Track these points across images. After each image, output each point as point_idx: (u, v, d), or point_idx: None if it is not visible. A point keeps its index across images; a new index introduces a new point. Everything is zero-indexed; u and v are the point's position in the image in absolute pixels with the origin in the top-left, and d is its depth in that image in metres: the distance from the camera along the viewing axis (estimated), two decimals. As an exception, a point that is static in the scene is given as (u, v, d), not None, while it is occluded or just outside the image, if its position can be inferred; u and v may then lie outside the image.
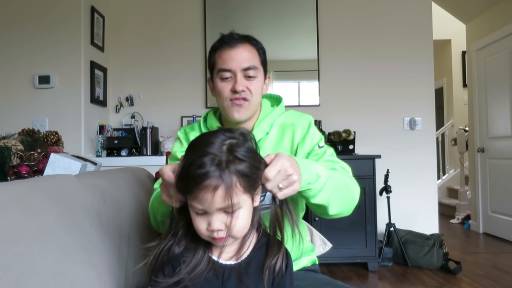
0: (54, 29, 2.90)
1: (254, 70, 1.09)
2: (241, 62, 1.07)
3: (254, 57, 1.10)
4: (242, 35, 1.13)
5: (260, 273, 0.79)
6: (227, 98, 1.09)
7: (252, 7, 3.48)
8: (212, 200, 0.71)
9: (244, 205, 0.75)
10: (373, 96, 3.47)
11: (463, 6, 4.31)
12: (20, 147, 1.39)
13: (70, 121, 2.86)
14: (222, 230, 0.74)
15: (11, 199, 0.76)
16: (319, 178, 0.89)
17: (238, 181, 0.73)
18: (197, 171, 0.71)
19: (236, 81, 1.07)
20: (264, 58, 1.15)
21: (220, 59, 1.10)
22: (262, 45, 1.16)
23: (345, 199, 0.99)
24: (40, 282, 0.72)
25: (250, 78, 1.09)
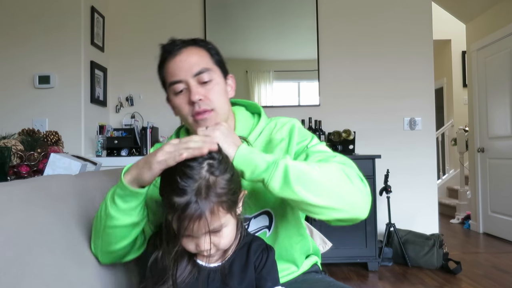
0: (54, 29, 2.90)
1: (207, 73, 0.95)
2: (189, 68, 0.94)
3: (204, 59, 0.96)
4: (185, 39, 1.00)
5: (243, 271, 0.80)
6: (188, 115, 0.96)
7: (252, 7, 3.48)
8: (197, 227, 0.71)
9: (228, 223, 0.76)
10: (373, 96, 3.47)
11: (463, 6, 4.31)
12: (20, 147, 1.39)
13: (70, 121, 2.86)
14: (209, 249, 0.75)
15: (11, 199, 0.76)
16: (274, 164, 0.79)
17: (221, 205, 0.73)
18: (179, 200, 0.71)
19: (190, 90, 0.93)
20: (219, 57, 1.01)
21: (167, 73, 0.97)
22: (213, 44, 1.02)
23: (335, 186, 0.82)
24: (40, 282, 0.72)
25: (205, 83, 0.94)
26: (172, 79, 0.96)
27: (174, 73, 0.95)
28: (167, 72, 0.98)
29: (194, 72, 0.94)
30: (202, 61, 0.96)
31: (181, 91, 0.96)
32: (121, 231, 0.83)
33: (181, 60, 0.95)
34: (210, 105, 0.94)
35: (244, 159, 0.81)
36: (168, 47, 0.99)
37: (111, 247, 0.86)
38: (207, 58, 0.98)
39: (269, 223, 0.99)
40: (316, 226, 1.45)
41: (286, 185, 0.79)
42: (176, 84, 0.95)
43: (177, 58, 0.96)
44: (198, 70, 0.94)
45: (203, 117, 0.94)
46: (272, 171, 0.79)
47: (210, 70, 0.96)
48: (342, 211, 0.83)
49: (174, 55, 0.96)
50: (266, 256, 0.82)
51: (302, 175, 0.80)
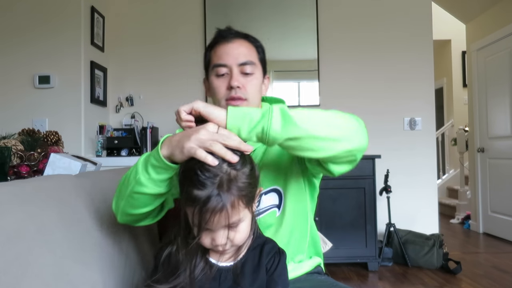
0: (54, 29, 2.90)
1: (251, 66, 1.02)
2: (237, 57, 1.01)
3: (251, 53, 1.04)
4: (240, 32, 1.07)
5: (255, 272, 0.80)
6: (222, 98, 1.01)
7: (252, 7, 3.48)
8: (217, 220, 0.72)
9: (245, 218, 0.77)
10: (373, 96, 3.47)
11: (463, 6, 4.32)
12: (20, 147, 1.39)
13: (70, 121, 2.86)
14: (225, 243, 0.76)
15: (11, 199, 0.76)
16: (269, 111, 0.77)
17: (241, 199, 0.74)
18: (200, 193, 0.71)
19: (231, 76, 1.00)
20: (263, 56, 1.09)
21: (215, 55, 1.03)
22: (261, 43, 1.10)
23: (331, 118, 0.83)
24: (40, 282, 0.72)
25: (247, 75, 1.01)
26: (218, 61, 1.02)
27: (221, 57, 1.02)
28: (215, 55, 1.04)
29: (240, 61, 1.01)
30: (249, 54, 1.03)
31: (222, 74, 1.02)
32: (147, 198, 0.84)
33: (232, 48, 1.02)
34: (246, 94, 1.01)
35: (238, 115, 0.78)
36: (223, 32, 1.05)
37: (132, 211, 0.87)
38: (254, 53, 1.05)
39: (278, 201, 1.02)
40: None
41: (287, 122, 0.77)
42: (220, 67, 1.01)
43: (229, 45, 1.02)
44: (244, 61, 1.01)
45: (236, 104, 0.99)
46: (269, 115, 0.77)
47: (254, 64, 1.03)
48: (345, 141, 0.82)
49: (227, 41, 1.03)
50: (278, 260, 0.82)
51: (300, 112, 0.80)
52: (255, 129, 0.77)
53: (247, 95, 1.00)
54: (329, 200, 2.91)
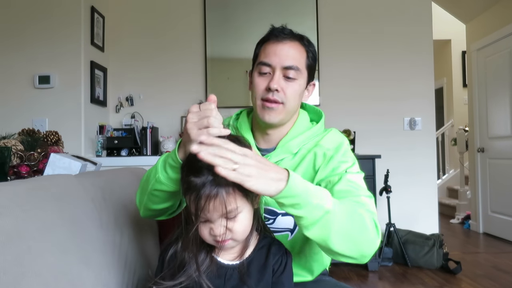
0: (54, 29, 2.89)
1: (295, 72, 0.98)
2: (284, 59, 0.97)
3: (300, 58, 1.00)
4: (295, 32, 1.03)
5: (261, 272, 0.80)
6: (259, 97, 0.99)
7: (252, 7, 3.48)
8: (212, 207, 0.73)
9: (243, 209, 0.77)
10: (373, 96, 3.47)
11: (463, 6, 4.31)
12: (20, 147, 1.39)
13: (70, 121, 2.86)
14: (224, 235, 0.76)
15: (11, 199, 0.76)
16: (318, 208, 0.76)
17: (236, 187, 0.74)
18: (196, 179, 0.73)
19: (273, 78, 0.97)
20: (313, 62, 1.04)
21: (263, 52, 1.01)
22: (315, 48, 1.05)
23: (355, 239, 0.82)
24: (40, 282, 0.72)
25: (289, 79, 0.98)
26: (264, 59, 0.99)
27: (268, 55, 0.99)
28: (264, 52, 1.01)
29: (285, 64, 0.98)
30: (297, 59, 0.99)
31: (265, 73, 0.99)
32: (165, 195, 0.90)
33: (281, 48, 0.99)
34: (283, 99, 0.98)
35: (295, 194, 0.75)
36: (277, 31, 1.02)
37: (153, 206, 0.94)
38: (303, 58, 1.01)
39: (293, 226, 1.00)
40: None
41: (321, 234, 0.78)
42: (264, 65, 0.99)
43: (279, 45, 0.99)
44: (289, 65, 0.98)
45: (271, 106, 0.98)
46: (316, 218, 0.77)
47: (299, 70, 0.99)
48: (352, 259, 0.84)
49: (278, 41, 1.00)
50: (285, 261, 0.83)
51: (336, 224, 0.79)
52: (298, 210, 0.76)
53: (285, 99, 0.98)
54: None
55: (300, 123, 1.06)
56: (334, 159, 0.97)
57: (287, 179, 0.74)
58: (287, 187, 0.73)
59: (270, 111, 0.98)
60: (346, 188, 0.91)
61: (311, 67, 1.04)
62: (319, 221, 0.76)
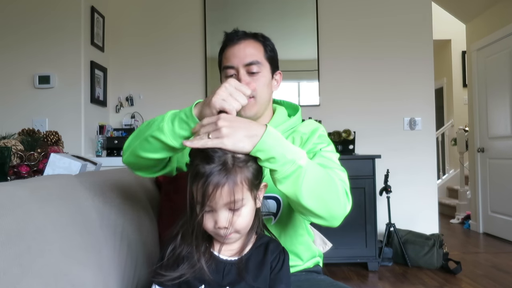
0: (54, 29, 2.90)
1: (257, 66, 1.06)
2: (243, 58, 1.06)
3: (257, 53, 1.08)
4: (248, 32, 1.11)
5: (259, 269, 0.82)
6: None
7: (252, 7, 3.48)
8: (219, 195, 0.75)
9: (247, 203, 0.79)
10: (373, 96, 3.47)
11: (463, 6, 4.31)
12: (20, 147, 1.39)
13: (70, 121, 2.86)
14: (227, 227, 0.77)
15: (11, 199, 0.76)
16: (291, 163, 0.80)
17: (243, 180, 0.77)
18: (205, 167, 0.75)
19: (238, 77, 1.05)
20: (272, 54, 1.12)
21: (224, 58, 1.10)
22: (271, 41, 1.14)
23: (324, 197, 0.86)
24: (40, 282, 0.72)
25: (253, 74, 1.06)
26: (226, 63, 1.08)
27: (229, 59, 1.08)
28: (224, 57, 1.10)
29: (245, 62, 1.06)
30: (255, 54, 1.07)
31: (231, 75, 1.07)
32: (159, 146, 0.89)
33: (238, 49, 1.07)
34: (253, 93, 1.04)
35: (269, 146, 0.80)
36: (230, 35, 1.10)
37: (141, 153, 0.92)
38: (261, 52, 1.09)
39: (276, 210, 1.04)
40: (316, 226, 1.45)
41: (295, 186, 0.82)
42: (228, 69, 1.07)
43: (235, 47, 1.07)
44: (250, 61, 1.06)
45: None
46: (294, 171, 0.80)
47: (260, 63, 1.07)
48: (321, 219, 0.88)
49: (233, 43, 1.08)
50: (283, 259, 0.84)
51: (310, 179, 0.83)
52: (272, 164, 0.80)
53: (254, 93, 1.04)
54: (329, 200, 2.91)
55: (278, 116, 1.13)
56: (310, 141, 1.03)
57: (262, 135, 0.78)
58: (260, 141, 0.77)
59: (244, 106, 1.00)
60: (320, 162, 0.95)
61: (272, 59, 1.12)
62: (291, 175, 0.80)
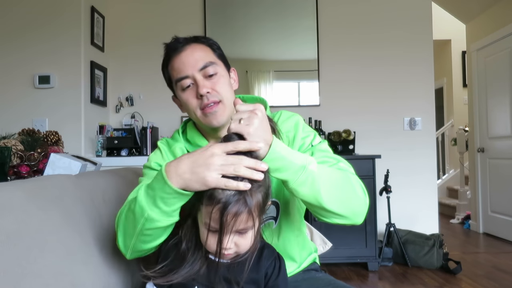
0: (54, 29, 2.89)
1: (212, 67, 0.97)
2: (195, 63, 0.96)
3: (207, 54, 0.99)
4: (188, 37, 1.03)
5: (253, 272, 0.81)
6: (196, 108, 0.97)
7: (252, 7, 3.48)
8: (232, 224, 0.73)
9: (256, 226, 0.78)
10: (373, 96, 3.47)
11: (463, 6, 4.31)
12: (20, 147, 1.39)
13: (70, 121, 2.86)
14: (231, 248, 0.76)
15: (11, 199, 0.76)
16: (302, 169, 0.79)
17: (257, 207, 0.75)
18: (222, 194, 0.72)
19: (197, 84, 0.96)
20: (221, 52, 1.05)
21: (173, 70, 1.00)
22: (214, 40, 1.05)
23: (344, 197, 0.86)
24: (40, 282, 0.72)
25: (211, 77, 0.97)
26: (179, 75, 0.98)
27: (180, 69, 0.98)
28: (173, 69, 1.00)
29: (199, 66, 0.97)
30: (206, 56, 0.99)
31: (188, 86, 0.98)
32: (160, 231, 0.81)
33: (186, 56, 0.98)
34: (218, 96, 0.97)
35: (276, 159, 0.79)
36: (172, 45, 1.01)
37: (145, 246, 0.84)
38: (210, 53, 1.01)
39: (276, 214, 1.02)
40: (316, 226, 1.45)
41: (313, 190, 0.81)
42: (183, 79, 0.98)
43: (182, 54, 0.98)
44: (204, 64, 0.97)
45: (212, 110, 0.96)
46: (302, 175, 0.80)
47: (215, 63, 0.99)
48: (345, 218, 0.87)
49: (179, 52, 0.99)
50: (279, 265, 0.84)
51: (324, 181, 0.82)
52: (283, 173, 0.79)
53: (220, 96, 0.97)
54: (329, 200, 2.91)
55: None
56: (297, 137, 0.99)
57: (270, 145, 0.77)
58: (270, 151, 0.77)
59: (214, 114, 0.96)
60: (322, 160, 0.92)
61: (222, 56, 1.04)
62: (306, 181, 0.79)
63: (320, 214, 0.87)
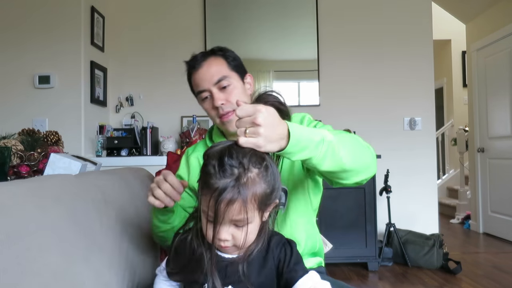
0: (54, 29, 2.89)
1: (226, 80, 1.11)
2: (210, 79, 1.11)
3: (221, 67, 1.12)
4: (205, 51, 1.16)
5: (262, 265, 0.81)
6: (215, 117, 1.13)
7: (252, 7, 3.48)
8: (225, 212, 0.72)
9: (253, 220, 0.76)
10: (373, 96, 3.47)
11: (463, 6, 4.31)
12: (20, 147, 1.39)
13: (70, 121, 2.86)
14: (228, 240, 0.76)
15: (11, 199, 0.76)
16: (321, 143, 0.81)
17: (254, 198, 0.74)
18: (217, 181, 0.72)
19: (213, 97, 1.11)
20: (236, 62, 1.16)
21: (194, 84, 1.15)
22: (232, 51, 1.18)
23: (360, 154, 0.92)
24: (40, 282, 0.72)
25: (225, 88, 1.11)
26: (198, 89, 1.14)
27: (198, 84, 1.13)
28: (194, 84, 1.16)
29: (214, 81, 1.11)
30: (220, 70, 1.12)
31: (206, 97, 1.13)
32: (167, 233, 1.05)
33: (202, 72, 1.12)
34: (232, 106, 1.09)
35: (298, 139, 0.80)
36: (191, 62, 1.17)
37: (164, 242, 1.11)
38: (224, 66, 1.13)
39: (284, 199, 1.08)
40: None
41: (334, 160, 0.84)
42: (201, 93, 1.14)
43: (200, 71, 1.13)
44: (218, 79, 1.11)
45: (228, 119, 1.10)
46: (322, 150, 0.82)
47: (228, 76, 1.12)
48: (364, 173, 0.95)
49: (197, 68, 1.14)
50: (290, 249, 0.83)
51: (341, 145, 0.86)
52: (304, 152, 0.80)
53: (233, 106, 1.08)
54: (329, 200, 2.91)
55: None
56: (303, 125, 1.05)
57: (288, 133, 0.77)
58: (290, 140, 0.77)
59: (230, 122, 1.10)
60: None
61: (237, 67, 1.16)
62: (327, 153, 0.82)
63: (341, 178, 0.92)
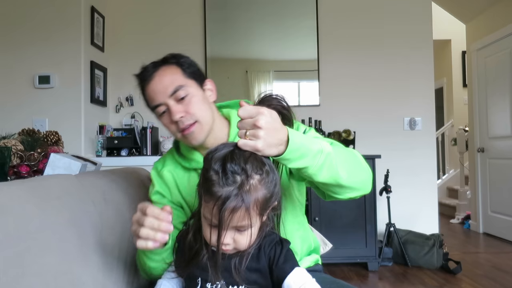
0: (54, 29, 2.89)
1: (183, 90, 0.98)
2: (164, 90, 0.98)
3: (176, 76, 0.99)
4: (156, 61, 1.04)
5: (255, 262, 0.82)
6: (176, 132, 1.01)
7: (252, 7, 3.48)
8: (229, 219, 0.73)
9: (255, 224, 0.78)
10: (373, 96, 3.47)
11: (463, 6, 4.31)
12: (20, 147, 1.38)
13: (70, 121, 2.86)
14: (230, 244, 0.77)
15: (11, 199, 0.76)
16: (319, 153, 0.80)
17: (256, 204, 0.75)
18: (220, 189, 0.72)
19: (170, 111, 0.98)
20: (193, 69, 1.04)
21: (148, 98, 1.03)
22: (187, 57, 1.05)
23: (356, 171, 0.90)
24: (40, 282, 0.72)
25: (183, 99, 0.98)
26: (152, 103, 1.01)
27: (152, 98, 1.01)
28: (147, 98, 1.03)
29: (169, 92, 0.98)
30: (175, 80, 0.99)
31: (163, 112, 1.01)
32: (161, 267, 0.95)
33: (155, 84, 1.00)
34: (192, 118, 0.99)
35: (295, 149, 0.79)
36: (141, 75, 1.04)
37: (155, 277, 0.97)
38: (179, 74, 1.01)
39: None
40: (316, 227, 1.45)
41: (331, 173, 0.83)
42: (157, 107, 1.00)
43: (152, 83, 1.00)
44: (173, 90, 0.98)
45: (189, 132, 0.99)
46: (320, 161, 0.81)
47: (184, 85, 0.99)
48: (358, 190, 0.92)
49: (148, 81, 1.01)
50: (280, 248, 0.83)
51: (339, 158, 0.85)
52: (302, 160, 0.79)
53: (194, 117, 0.98)
54: (329, 200, 2.91)
55: (235, 119, 1.06)
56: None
57: (287, 139, 0.77)
58: (288, 146, 0.76)
59: (192, 135, 0.99)
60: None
61: (193, 73, 1.03)
62: (324, 164, 0.81)
63: (335, 192, 0.90)
